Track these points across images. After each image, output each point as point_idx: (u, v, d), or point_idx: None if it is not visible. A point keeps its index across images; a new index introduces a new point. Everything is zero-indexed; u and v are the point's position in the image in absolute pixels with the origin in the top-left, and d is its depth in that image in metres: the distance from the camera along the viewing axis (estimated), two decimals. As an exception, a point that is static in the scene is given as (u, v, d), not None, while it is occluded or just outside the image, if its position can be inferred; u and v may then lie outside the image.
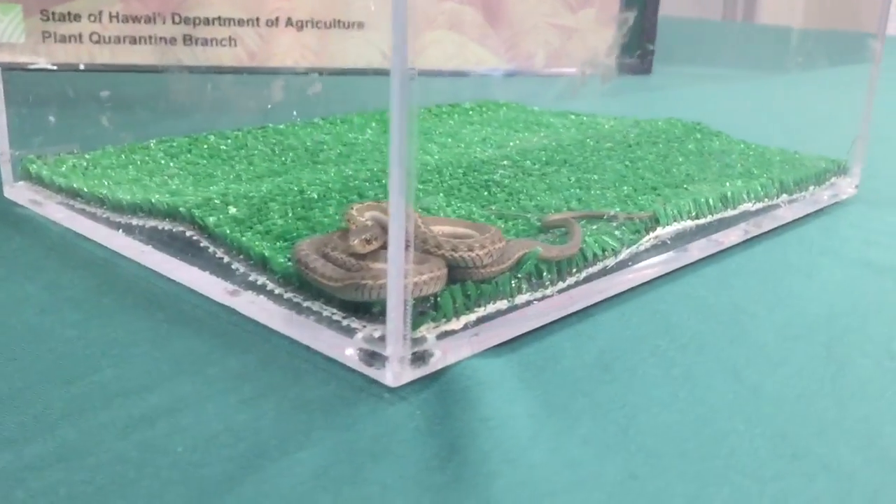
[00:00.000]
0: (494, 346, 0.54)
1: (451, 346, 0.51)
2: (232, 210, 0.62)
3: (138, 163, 0.77)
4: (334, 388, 0.49)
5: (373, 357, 0.50)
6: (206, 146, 0.83)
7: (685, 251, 0.68)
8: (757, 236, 0.76)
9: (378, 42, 1.61)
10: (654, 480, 0.42)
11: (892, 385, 0.53)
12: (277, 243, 0.58)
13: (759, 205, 0.75)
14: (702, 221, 0.69)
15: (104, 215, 0.69)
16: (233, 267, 0.59)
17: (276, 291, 0.56)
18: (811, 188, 0.82)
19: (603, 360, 0.54)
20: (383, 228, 0.54)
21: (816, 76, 1.42)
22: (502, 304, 0.54)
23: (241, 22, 1.52)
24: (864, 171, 0.92)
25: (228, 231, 0.59)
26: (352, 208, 0.56)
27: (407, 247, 0.46)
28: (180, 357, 0.53)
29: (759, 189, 0.74)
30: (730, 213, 0.71)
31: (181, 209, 0.62)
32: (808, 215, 0.82)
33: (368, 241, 0.51)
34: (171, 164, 0.77)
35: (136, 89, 1.29)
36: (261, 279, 0.57)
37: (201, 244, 0.61)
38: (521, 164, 0.80)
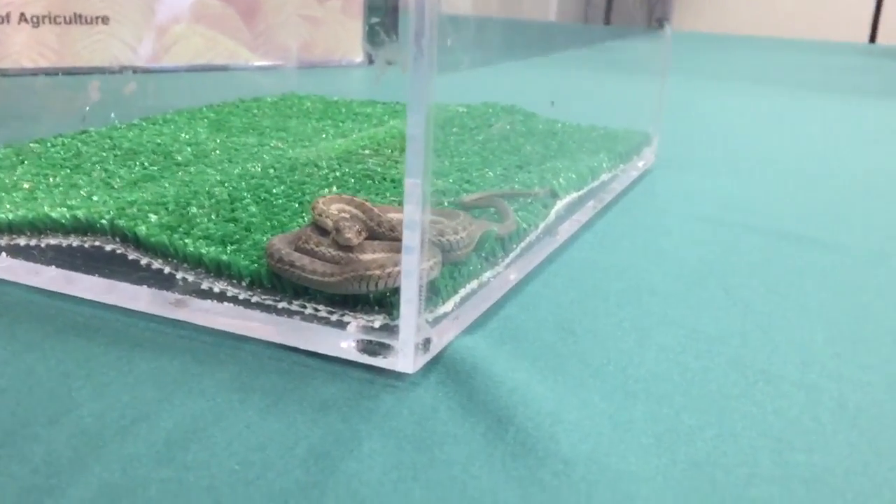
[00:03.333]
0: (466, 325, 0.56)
1: (443, 330, 0.52)
2: (153, 218, 0.57)
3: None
4: (345, 384, 0.49)
5: (379, 347, 0.50)
6: (38, 156, 0.75)
7: (568, 222, 0.74)
8: (605, 205, 0.84)
9: (125, 37, 1.51)
10: (673, 413, 0.47)
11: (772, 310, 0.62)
12: (228, 247, 0.55)
13: (606, 176, 0.83)
14: (581, 193, 0.75)
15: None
16: (177, 277, 0.55)
17: (242, 296, 0.53)
18: (634, 158, 0.92)
19: (562, 325, 0.58)
20: (362, 220, 0.54)
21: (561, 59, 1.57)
22: (474, 284, 0.56)
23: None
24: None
25: (167, 239, 0.55)
26: (318, 202, 0.54)
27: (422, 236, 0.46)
28: (158, 378, 0.49)
29: (608, 162, 0.82)
30: (593, 184, 0.78)
31: (103, 221, 0.56)
32: (631, 183, 0.93)
33: (360, 233, 0.51)
34: (15, 176, 0.69)
35: None
36: (216, 285, 0.54)
37: (129, 257, 0.56)
38: (381, 152, 0.82)
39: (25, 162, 0.73)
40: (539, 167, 0.80)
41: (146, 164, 0.74)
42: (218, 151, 0.79)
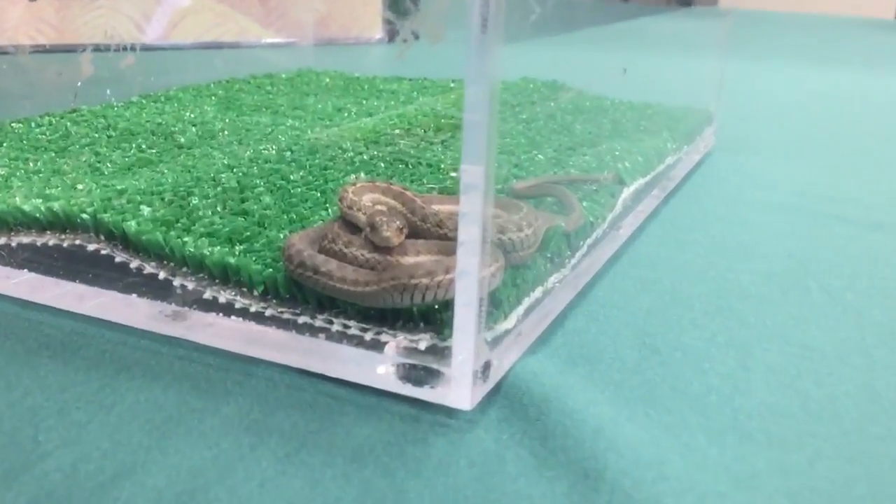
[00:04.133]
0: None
1: (504, 351, 0.42)
2: (146, 210, 0.47)
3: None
4: (384, 423, 0.39)
5: (426, 374, 0.40)
6: (20, 137, 0.65)
7: (632, 213, 0.63)
8: (669, 192, 0.73)
9: (129, 12, 1.40)
10: (806, 462, 0.37)
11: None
12: (236, 247, 0.45)
13: (671, 159, 0.73)
14: (647, 179, 0.65)
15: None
16: (174, 283, 0.45)
17: (253, 308, 0.43)
18: (696, 139, 0.81)
19: (642, 339, 0.48)
20: (402, 214, 0.43)
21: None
22: (538, 293, 0.46)
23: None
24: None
25: (162, 237, 0.44)
26: (346, 192, 0.44)
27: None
28: (147, 416, 0.39)
29: (672, 143, 0.72)
30: (659, 169, 0.68)
31: (84, 215, 0.46)
32: (693, 167, 0.82)
33: (400, 230, 0.40)
34: (-14, 161, 0.59)
35: None
36: (222, 295, 0.44)
37: (116, 260, 0.46)
38: (414, 132, 0.71)
39: (4, 144, 0.63)
40: (594, 149, 0.69)
41: (143, 146, 0.64)
42: (226, 132, 0.69)
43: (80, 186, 0.53)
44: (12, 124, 0.68)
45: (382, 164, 0.62)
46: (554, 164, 0.64)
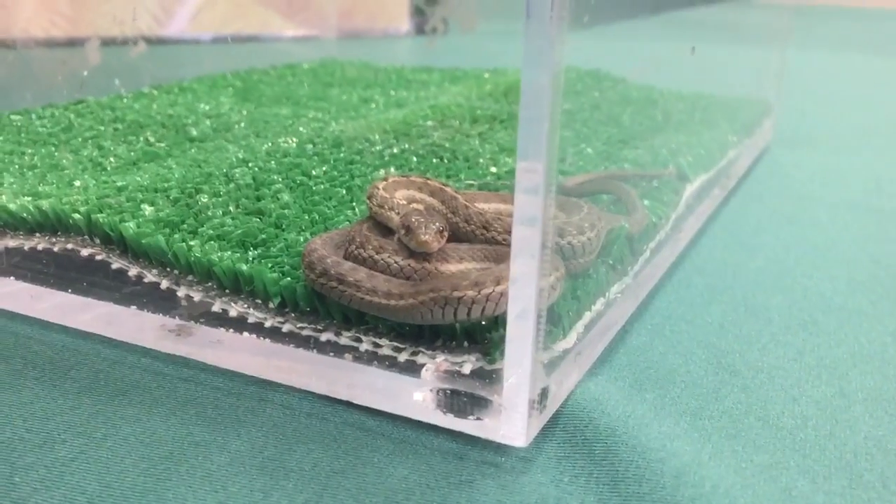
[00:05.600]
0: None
1: (563, 375, 0.36)
2: (148, 209, 0.41)
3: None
4: (422, 461, 0.32)
5: (471, 403, 0.33)
6: (18, 129, 0.59)
7: (695, 213, 0.56)
8: (730, 190, 0.67)
9: (148, 4, 1.35)
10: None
11: None
12: (250, 252, 0.39)
13: (733, 153, 0.66)
14: (710, 175, 0.58)
15: None
16: (179, 294, 0.39)
17: (269, 323, 0.37)
18: (756, 132, 0.74)
19: (718, 359, 0.41)
20: (442, 214, 0.37)
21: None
22: (600, 305, 0.39)
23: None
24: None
25: (164, 241, 0.38)
26: (376, 187, 0.38)
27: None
28: (145, 450, 0.33)
29: (733, 135, 0.65)
30: (721, 164, 0.61)
31: (76, 215, 0.40)
32: (753, 161, 0.75)
33: (441, 233, 0.34)
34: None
35: None
36: (233, 307, 0.38)
37: (113, 266, 0.40)
38: (448, 124, 0.65)
39: (0, 137, 0.58)
40: (647, 142, 0.63)
41: (151, 139, 0.58)
42: (243, 124, 0.63)
43: (77, 183, 0.47)
44: (11, 116, 0.62)
45: (415, 158, 0.56)
46: (604, 157, 0.58)
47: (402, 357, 0.35)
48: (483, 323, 0.35)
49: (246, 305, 0.38)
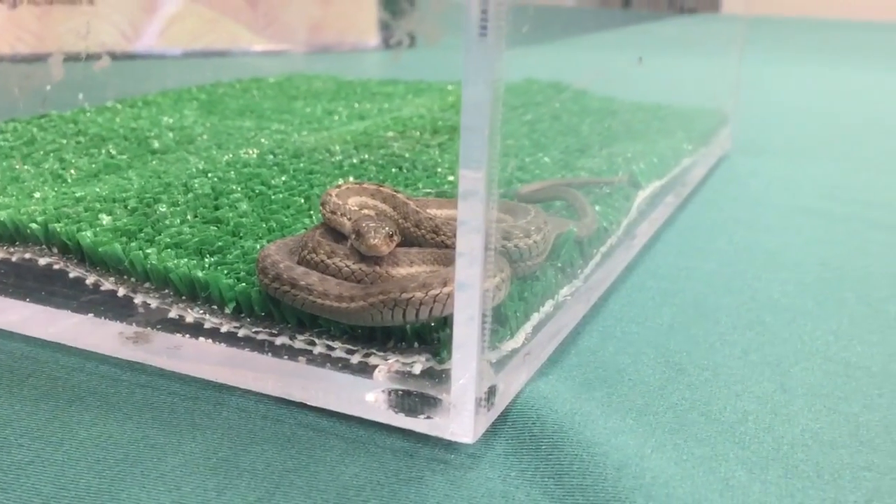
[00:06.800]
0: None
1: (511, 374, 0.37)
2: (106, 219, 0.42)
3: None
4: (374, 459, 0.33)
5: (421, 402, 0.34)
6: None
7: (650, 219, 0.58)
8: (685, 197, 0.68)
9: (114, 18, 1.35)
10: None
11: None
12: (206, 259, 0.40)
13: (688, 161, 0.67)
14: (664, 182, 0.59)
15: None
16: (136, 301, 0.39)
17: (225, 328, 0.38)
18: (712, 141, 0.76)
19: (666, 359, 0.42)
20: (392, 219, 0.38)
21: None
22: (549, 307, 0.40)
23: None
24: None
25: (121, 249, 0.39)
26: (329, 194, 0.39)
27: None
28: (100, 453, 0.33)
29: (687, 144, 0.67)
30: (675, 171, 0.63)
31: (33, 224, 0.41)
32: (710, 170, 0.77)
33: (391, 237, 0.35)
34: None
35: None
36: (190, 313, 0.38)
37: (70, 275, 0.41)
38: (409, 135, 0.66)
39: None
40: (604, 151, 0.64)
41: (113, 151, 0.59)
42: (205, 136, 0.64)
43: (36, 195, 0.48)
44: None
45: (374, 168, 0.57)
46: (562, 166, 0.59)
47: (355, 359, 0.36)
48: (432, 324, 0.36)
49: (202, 311, 0.38)
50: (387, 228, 0.35)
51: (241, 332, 0.38)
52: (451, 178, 0.55)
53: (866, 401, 0.39)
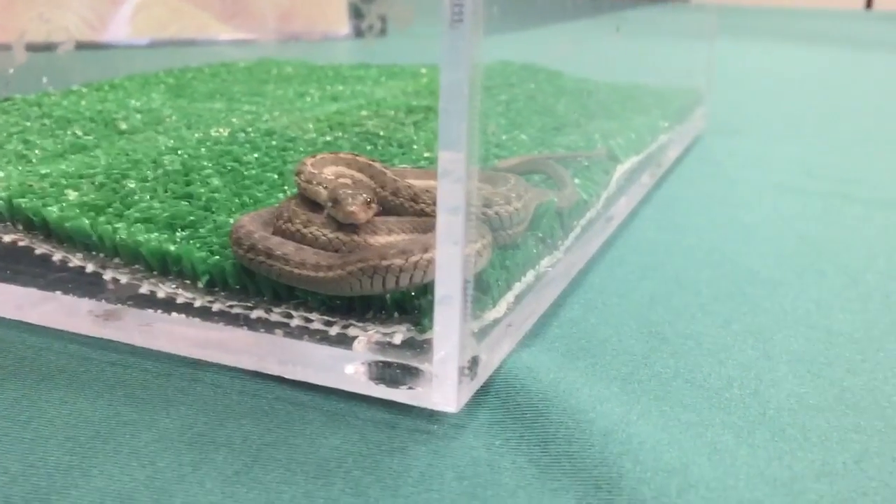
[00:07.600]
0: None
1: (494, 343, 0.36)
2: (73, 195, 0.41)
3: None
4: (355, 431, 0.32)
5: (402, 372, 0.33)
6: (-61, 126, 0.58)
7: (625, 195, 0.57)
8: (662, 175, 0.68)
9: (78, 8, 1.33)
10: (859, 471, 0.31)
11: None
12: (177, 233, 0.38)
13: (664, 138, 0.67)
14: (641, 157, 0.59)
15: None
16: (105, 277, 0.38)
17: (198, 303, 0.37)
18: (688, 120, 0.76)
19: (648, 328, 0.42)
20: (370, 188, 0.37)
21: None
22: (530, 277, 0.39)
23: None
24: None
25: (89, 224, 0.38)
26: (305, 164, 0.38)
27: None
28: (71, 431, 0.32)
29: (665, 121, 0.66)
30: (652, 148, 0.62)
31: (-3, 201, 0.39)
32: (685, 149, 0.76)
33: (369, 205, 0.34)
34: None
35: None
36: (161, 289, 0.37)
37: (37, 252, 0.39)
38: (383, 114, 0.65)
39: (-79, 134, 0.56)
40: (580, 129, 0.64)
41: (79, 132, 0.57)
42: (174, 117, 0.62)
43: (1, 173, 0.46)
44: (-68, 113, 0.61)
45: (348, 146, 0.56)
46: (538, 143, 0.58)
47: (334, 331, 0.35)
48: (413, 293, 0.35)
49: (174, 286, 0.37)
50: (364, 196, 0.34)
51: (216, 307, 0.37)
52: (427, 154, 0.54)
53: (850, 366, 0.39)
